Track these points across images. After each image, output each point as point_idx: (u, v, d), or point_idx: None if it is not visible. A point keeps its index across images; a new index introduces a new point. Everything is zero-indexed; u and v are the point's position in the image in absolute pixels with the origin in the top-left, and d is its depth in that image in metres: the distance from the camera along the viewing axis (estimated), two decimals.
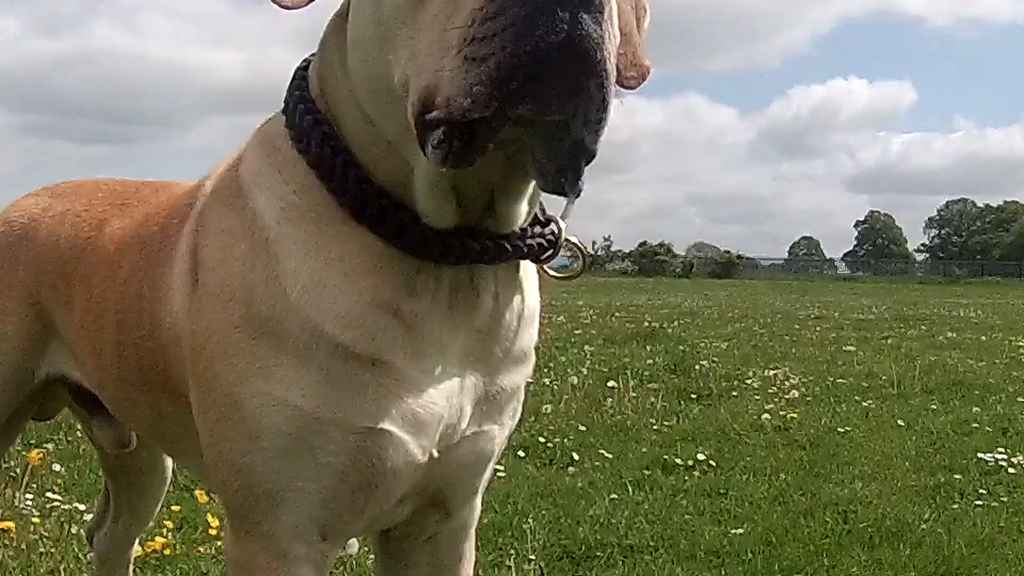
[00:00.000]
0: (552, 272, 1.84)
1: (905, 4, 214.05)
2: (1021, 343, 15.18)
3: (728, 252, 77.21)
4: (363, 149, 1.65)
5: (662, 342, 13.81)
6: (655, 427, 7.47)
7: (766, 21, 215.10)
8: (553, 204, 1.79)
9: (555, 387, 8.80)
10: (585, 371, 10.01)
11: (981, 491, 5.66)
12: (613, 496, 5.42)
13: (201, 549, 4.17)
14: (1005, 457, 6.32)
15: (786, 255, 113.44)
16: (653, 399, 8.48)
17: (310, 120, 1.69)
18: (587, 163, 1.46)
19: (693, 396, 9.00)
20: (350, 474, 1.68)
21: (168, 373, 1.91)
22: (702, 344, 13.85)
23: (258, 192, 1.73)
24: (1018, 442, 7.05)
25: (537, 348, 1.91)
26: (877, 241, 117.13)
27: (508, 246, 1.67)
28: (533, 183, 1.60)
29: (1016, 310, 26.11)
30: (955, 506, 5.39)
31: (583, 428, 7.22)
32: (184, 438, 1.95)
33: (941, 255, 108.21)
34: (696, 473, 6.07)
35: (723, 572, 4.28)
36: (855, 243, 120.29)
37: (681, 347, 12.99)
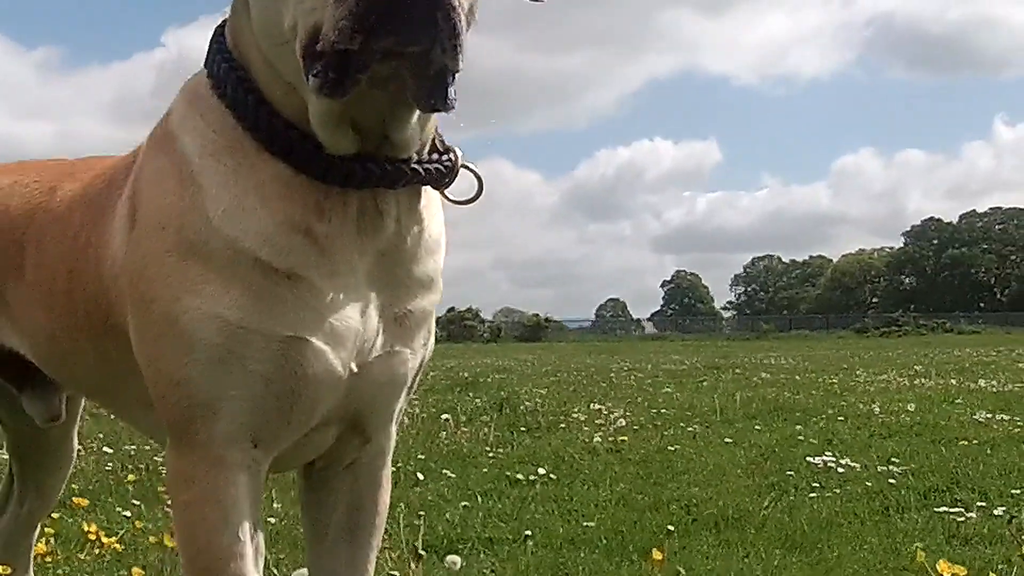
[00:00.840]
0: (452, 197, 2.13)
1: (710, 63, 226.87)
2: (834, 379, 16.60)
3: (536, 315, 78.91)
4: (270, 89, 1.96)
5: (483, 389, 14.38)
6: (490, 454, 7.92)
7: (576, 82, 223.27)
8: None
9: None
10: (415, 410, 10.38)
11: (814, 485, 6.29)
12: (464, 504, 5.80)
13: (81, 556, 4.33)
14: (834, 459, 7.04)
15: (593, 317, 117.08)
16: (486, 430, 8.95)
17: (226, 67, 2.02)
18: (453, 79, 1.79)
19: (523, 428, 9.52)
20: (275, 381, 1.95)
21: (110, 312, 2.17)
22: (523, 391, 14.41)
23: (183, 134, 2.03)
24: (844, 449, 7.82)
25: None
26: (684, 300, 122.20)
27: (406, 170, 1.96)
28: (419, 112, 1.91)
29: (826, 357, 28.00)
30: (792, 497, 6.02)
31: (422, 456, 7.61)
32: (126, 382, 2.23)
33: (748, 311, 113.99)
34: (539, 485, 6.48)
35: (582, 554, 4.71)
36: (662, 303, 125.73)
37: (503, 392, 13.54)
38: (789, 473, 6.76)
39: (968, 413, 10.20)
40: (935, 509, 5.36)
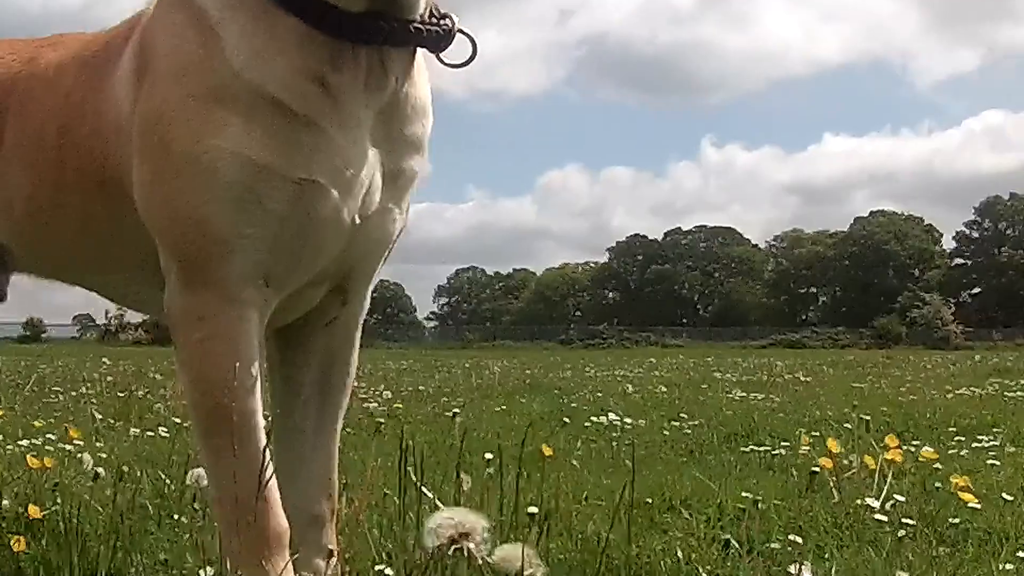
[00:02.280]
0: (447, 61, 2.25)
1: None
2: (567, 370, 17.29)
3: None
4: None
5: None
6: None
7: None
8: None
9: None
10: None
11: (613, 435, 6.54)
12: None
13: None
14: (618, 419, 7.29)
15: None
16: None
17: None
18: None
19: None
20: (290, 221, 2.08)
21: (106, 164, 2.27)
22: None
23: None
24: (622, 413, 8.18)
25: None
26: (386, 310, 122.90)
27: (411, 29, 2.11)
28: None
29: (543, 359, 29.15)
30: (596, 443, 6.24)
31: None
32: (109, 242, 2.38)
33: (451, 323, 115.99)
34: None
35: None
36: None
37: None
38: (581, 427, 6.95)
39: (722, 391, 10.86)
40: (743, 449, 5.68)
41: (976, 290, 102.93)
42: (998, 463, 4.40)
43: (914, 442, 5.50)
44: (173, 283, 2.15)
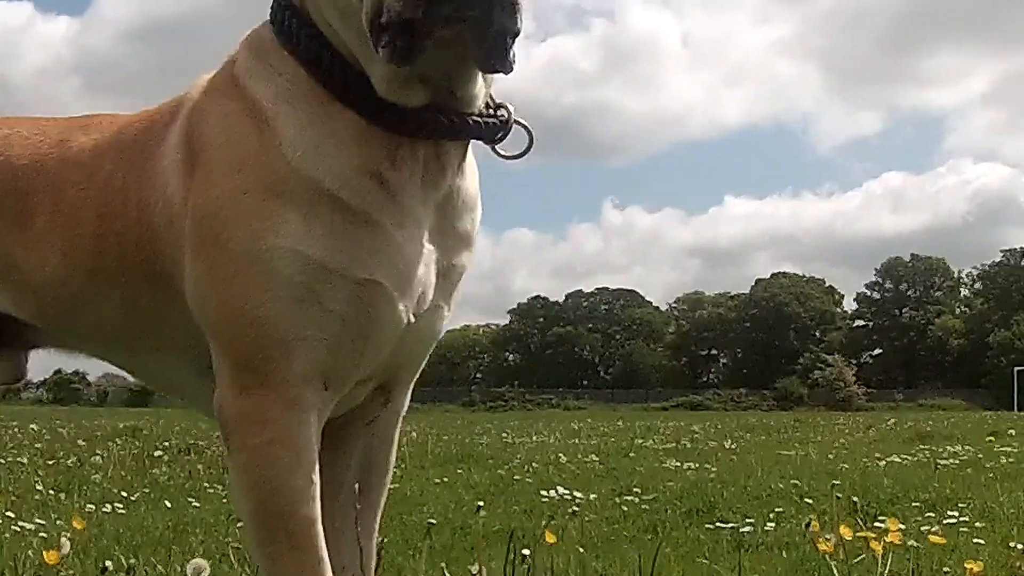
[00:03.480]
0: (503, 153, 2.27)
1: None
2: (481, 438, 17.22)
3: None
4: (338, 43, 2.11)
5: None
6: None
7: None
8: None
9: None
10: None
11: (571, 511, 6.60)
12: None
13: None
14: (568, 493, 7.39)
15: None
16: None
17: (296, 22, 2.14)
18: (513, 40, 1.97)
19: None
20: (351, 322, 2.06)
21: (155, 256, 2.24)
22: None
23: (253, 82, 2.14)
24: (569, 486, 8.25)
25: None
26: None
27: (470, 122, 2.11)
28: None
29: (450, 422, 29.04)
30: (556, 522, 6.29)
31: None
32: (152, 329, 2.35)
33: None
34: None
35: None
36: None
37: None
38: (535, 503, 6.98)
39: (651, 461, 10.97)
40: (707, 526, 5.79)
41: (877, 351, 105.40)
42: (982, 541, 4.55)
43: (880, 517, 5.65)
44: (226, 383, 2.11)
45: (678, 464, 10.48)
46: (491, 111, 2.19)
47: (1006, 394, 68.28)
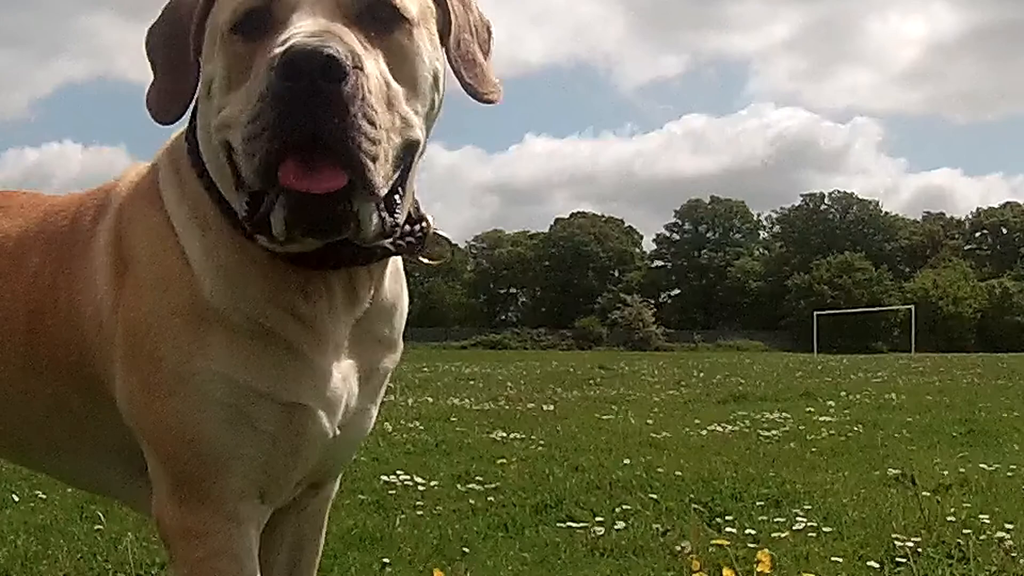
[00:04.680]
0: (425, 260, 2.32)
1: (123, 70, 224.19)
2: None
3: None
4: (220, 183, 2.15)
5: None
6: None
7: None
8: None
9: None
10: None
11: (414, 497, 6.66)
12: None
13: None
14: (406, 475, 7.44)
15: None
16: None
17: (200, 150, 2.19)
18: (381, 207, 2.00)
19: None
20: (282, 441, 2.18)
21: (85, 359, 2.29)
22: None
23: (168, 196, 2.23)
24: (393, 465, 8.27)
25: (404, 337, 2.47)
26: None
27: (378, 249, 2.16)
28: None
29: None
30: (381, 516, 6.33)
31: None
32: (81, 430, 2.40)
33: None
34: None
35: None
36: None
37: None
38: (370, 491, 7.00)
39: (476, 431, 11.10)
40: (558, 524, 5.92)
41: (676, 292, 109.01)
42: (839, 560, 4.82)
43: (727, 517, 5.92)
44: (165, 493, 2.20)
45: (504, 435, 10.64)
46: (407, 227, 2.21)
47: (805, 337, 71.70)
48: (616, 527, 5.73)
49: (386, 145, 1.91)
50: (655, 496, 6.51)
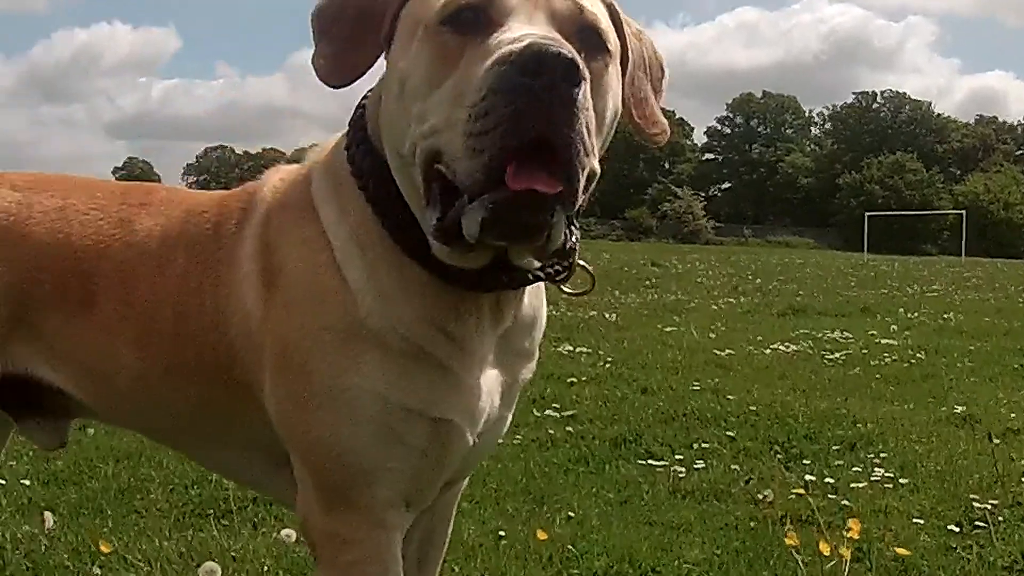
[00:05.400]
0: (567, 289, 2.33)
1: None
2: None
3: None
4: (408, 191, 2.12)
5: None
6: None
7: None
8: None
9: None
10: None
11: None
12: None
13: None
14: None
15: None
16: None
17: (370, 163, 2.17)
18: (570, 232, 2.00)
19: None
20: (429, 455, 2.21)
21: (233, 363, 2.31)
22: None
23: (326, 211, 2.22)
24: None
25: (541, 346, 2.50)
26: None
27: (530, 275, 2.19)
28: None
29: None
30: None
31: None
32: (228, 427, 2.43)
33: None
34: None
35: None
36: None
37: None
38: None
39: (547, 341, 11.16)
40: (638, 462, 6.01)
41: (726, 185, 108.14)
42: (920, 521, 4.88)
43: (803, 461, 5.98)
44: (312, 497, 2.25)
45: (571, 348, 10.74)
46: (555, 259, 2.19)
47: (855, 236, 71.00)
48: (696, 466, 5.81)
49: (587, 163, 1.89)
50: (731, 433, 6.58)
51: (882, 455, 6.05)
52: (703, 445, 6.32)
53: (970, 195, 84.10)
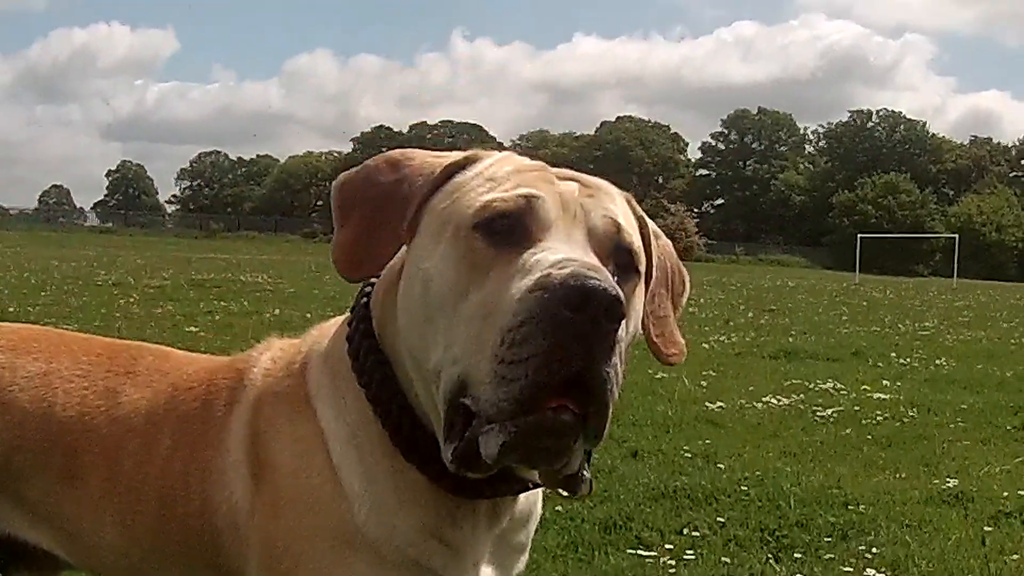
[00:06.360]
0: (565, 494, 2.21)
1: None
2: None
3: None
4: (413, 394, 2.07)
5: None
6: None
7: None
8: None
9: None
10: None
11: None
12: None
13: None
14: None
15: (36, 204, 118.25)
16: None
17: (373, 360, 2.11)
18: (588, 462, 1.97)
19: None
20: None
21: (218, 552, 2.25)
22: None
23: (323, 408, 2.15)
24: None
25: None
26: (128, 191, 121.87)
27: (530, 484, 2.14)
28: None
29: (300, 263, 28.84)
30: None
31: None
32: None
33: (192, 207, 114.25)
34: None
35: None
36: (106, 192, 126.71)
37: None
38: None
39: None
40: (628, 551, 5.94)
41: (719, 201, 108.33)
42: None
43: (795, 554, 5.90)
44: None
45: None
46: None
47: (847, 255, 71.08)
48: (686, 556, 5.75)
49: (617, 395, 1.84)
50: (722, 519, 6.49)
51: (874, 549, 5.97)
52: (693, 533, 6.24)
53: (963, 216, 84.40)
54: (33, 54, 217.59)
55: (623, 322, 1.78)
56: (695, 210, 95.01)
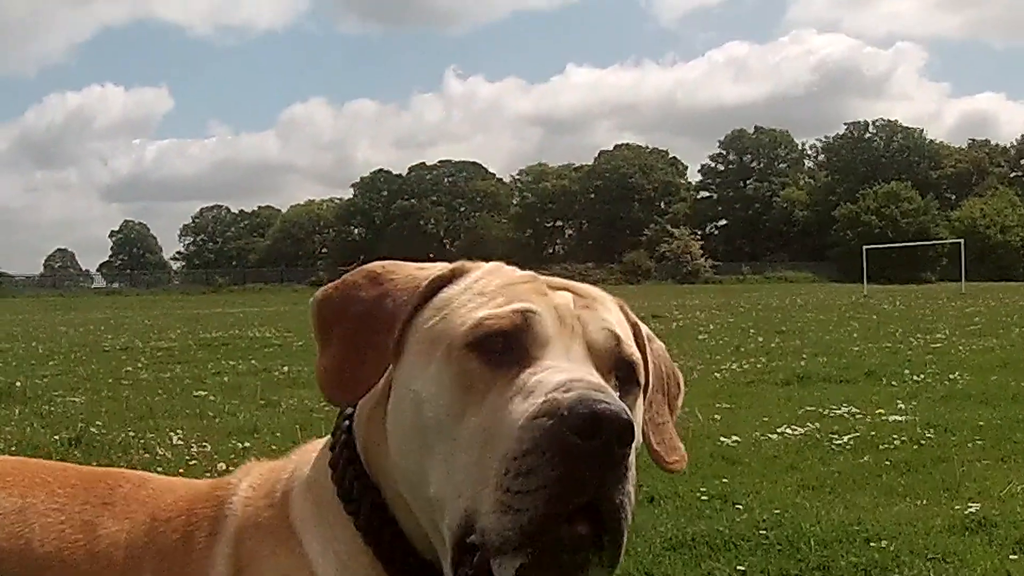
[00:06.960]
0: None
1: (162, 12, 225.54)
2: None
3: None
4: (405, 519, 1.97)
5: None
6: None
7: (19, 29, 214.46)
8: None
9: None
10: None
11: None
12: None
13: None
14: None
15: (42, 268, 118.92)
16: None
17: (360, 487, 2.00)
18: None
19: None
20: None
21: None
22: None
23: (308, 540, 2.03)
24: None
25: None
26: (133, 250, 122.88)
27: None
28: None
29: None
30: None
31: None
32: None
33: (197, 262, 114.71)
34: None
35: None
36: (111, 253, 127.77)
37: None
38: None
39: None
40: None
41: (722, 222, 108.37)
42: None
43: None
44: None
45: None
46: None
47: (853, 266, 70.88)
48: None
49: (631, 520, 1.76)
50: (742, 567, 6.38)
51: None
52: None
53: (967, 220, 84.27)
54: (28, 120, 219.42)
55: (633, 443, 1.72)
56: (699, 232, 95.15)
